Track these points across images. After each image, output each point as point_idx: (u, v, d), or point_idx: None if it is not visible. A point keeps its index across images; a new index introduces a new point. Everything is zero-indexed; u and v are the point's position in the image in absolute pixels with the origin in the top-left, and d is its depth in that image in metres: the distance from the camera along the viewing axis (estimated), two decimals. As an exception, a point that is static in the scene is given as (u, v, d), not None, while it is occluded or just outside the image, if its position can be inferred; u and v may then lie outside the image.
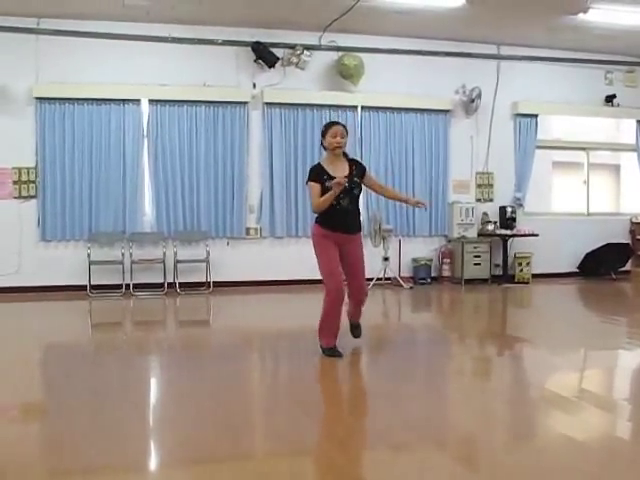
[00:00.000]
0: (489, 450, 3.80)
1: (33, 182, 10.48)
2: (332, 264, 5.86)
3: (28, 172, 10.46)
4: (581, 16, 10.22)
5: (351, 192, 5.83)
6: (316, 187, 5.74)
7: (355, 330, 6.48)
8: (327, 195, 5.65)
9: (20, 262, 10.39)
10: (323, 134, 5.93)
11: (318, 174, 5.79)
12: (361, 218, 6.13)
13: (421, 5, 9.91)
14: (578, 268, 12.63)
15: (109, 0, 9.60)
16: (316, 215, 5.94)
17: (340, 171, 5.81)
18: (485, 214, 12.17)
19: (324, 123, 6.46)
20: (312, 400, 4.75)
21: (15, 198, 10.45)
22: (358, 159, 6.43)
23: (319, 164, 5.95)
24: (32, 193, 10.49)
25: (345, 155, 5.98)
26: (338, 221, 5.83)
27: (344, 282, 5.98)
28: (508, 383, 5.51)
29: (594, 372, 6.01)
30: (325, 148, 5.97)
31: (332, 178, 5.67)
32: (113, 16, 10.27)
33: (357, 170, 5.93)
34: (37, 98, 10.38)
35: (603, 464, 3.53)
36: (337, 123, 6.05)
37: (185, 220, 11.02)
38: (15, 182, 10.43)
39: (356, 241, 6.02)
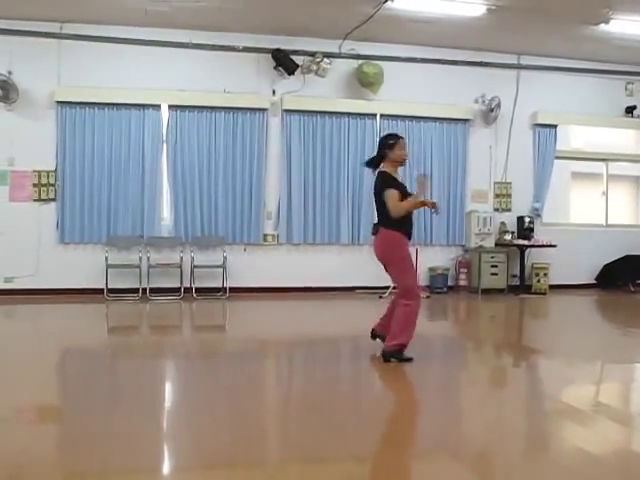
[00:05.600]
0: (504, 461, 3.78)
1: (53, 185, 10.55)
2: (415, 274, 6.30)
3: (48, 175, 10.54)
4: (602, 27, 10.18)
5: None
6: (396, 193, 5.94)
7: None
8: (412, 200, 6.04)
9: (38, 264, 10.46)
10: (391, 146, 6.09)
11: (397, 182, 6.07)
12: None
13: (441, 14, 9.89)
14: (596, 280, 12.56)
15: (131, 6, 9.68)
16: (391, 223, 6.03)
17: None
18: (503, 224, 12.13)
19: (388, 133, 6.62)
20: (327, 407, 4.74)
21: (35, 201, 10.53)
22: None
23: (390, 174, 6.10)
24: (51, 196, 10.57)
25: None
26: (411, 228, 6.23)
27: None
28: (524, 394, 5.47)
29: (611, 385, 5.96)
30: (387, 158, 6.11)
31: (405, 189, 6.06)
32: (135, 22, 10.34)
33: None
34: (58, 102, 10.47)
35: (619, 478, 3.50)
36: (402, 137, 6.27)
37: (203, 225, 11.06)
38: (35, 185, 10.51)
39: None
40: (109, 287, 10.36)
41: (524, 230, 11.96)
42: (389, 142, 6.13)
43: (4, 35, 10.20)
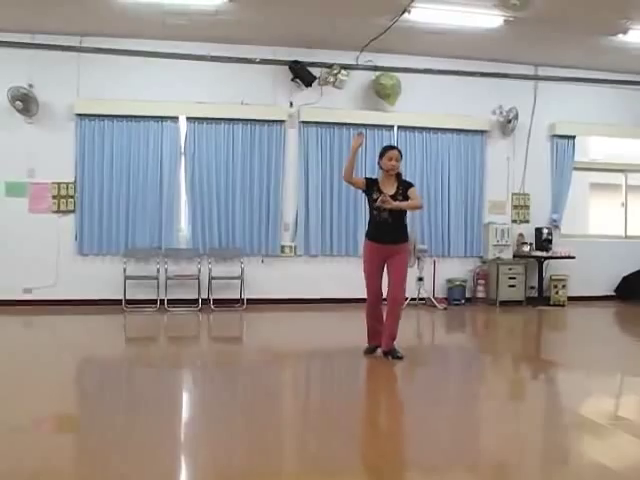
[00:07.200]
0: (521, 476, 3.75)
1: (72, 197, 10.64)
2: (369, 280, 6.70)
3: (67, 187, 10.63)
4: (620, 37, 10.14)
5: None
6: (361, 180, 6.76)
7: (392, 353, 6.59)
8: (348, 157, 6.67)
9: (57, 275, 10.53)
10: (381, 155, 6.66)
11: (372, 181, 6.66)
12: (408, 231, 6.79)
13: (458, 26, 9.88)
14: (615, 291, 12.46)
15: (150, 19, 9.75)
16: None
17: (389, 188, 6.49)
18: (521, 235, 12.08)
19: (383, 145, 7.51)
20: (344, 420, 4.73)
21: (54, 212, 10.62)
22: (407, 179, 6.90)
23: (376, 178, 6.71)
24: (70, 208, 10.65)
25: (398, 176, 6.65)
26: (379, 232, 6.58)
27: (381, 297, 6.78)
28: (542, 407, 5.44)
29: (630, 398, 5.90)
30: (381, 168, 6.65)
31: (381, 192, 6.42)
32: (153, 35, 10.42)
33: (402, 189, 6.52)
34: (78, 114, 10.56)
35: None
36: (394, 148, 6.83)
37: (220, 237, 11.09)
38: (54, 196, 10.60)
39: (399, 253, 6.59)
40: (127, 298, 10.40)
41: (542, 241, 11.89)
42: (381, 152, 6.73)
43: (25, 49, 10.32)
